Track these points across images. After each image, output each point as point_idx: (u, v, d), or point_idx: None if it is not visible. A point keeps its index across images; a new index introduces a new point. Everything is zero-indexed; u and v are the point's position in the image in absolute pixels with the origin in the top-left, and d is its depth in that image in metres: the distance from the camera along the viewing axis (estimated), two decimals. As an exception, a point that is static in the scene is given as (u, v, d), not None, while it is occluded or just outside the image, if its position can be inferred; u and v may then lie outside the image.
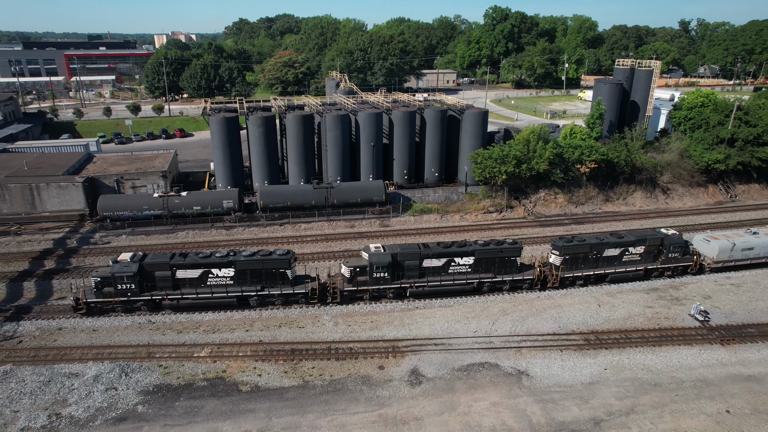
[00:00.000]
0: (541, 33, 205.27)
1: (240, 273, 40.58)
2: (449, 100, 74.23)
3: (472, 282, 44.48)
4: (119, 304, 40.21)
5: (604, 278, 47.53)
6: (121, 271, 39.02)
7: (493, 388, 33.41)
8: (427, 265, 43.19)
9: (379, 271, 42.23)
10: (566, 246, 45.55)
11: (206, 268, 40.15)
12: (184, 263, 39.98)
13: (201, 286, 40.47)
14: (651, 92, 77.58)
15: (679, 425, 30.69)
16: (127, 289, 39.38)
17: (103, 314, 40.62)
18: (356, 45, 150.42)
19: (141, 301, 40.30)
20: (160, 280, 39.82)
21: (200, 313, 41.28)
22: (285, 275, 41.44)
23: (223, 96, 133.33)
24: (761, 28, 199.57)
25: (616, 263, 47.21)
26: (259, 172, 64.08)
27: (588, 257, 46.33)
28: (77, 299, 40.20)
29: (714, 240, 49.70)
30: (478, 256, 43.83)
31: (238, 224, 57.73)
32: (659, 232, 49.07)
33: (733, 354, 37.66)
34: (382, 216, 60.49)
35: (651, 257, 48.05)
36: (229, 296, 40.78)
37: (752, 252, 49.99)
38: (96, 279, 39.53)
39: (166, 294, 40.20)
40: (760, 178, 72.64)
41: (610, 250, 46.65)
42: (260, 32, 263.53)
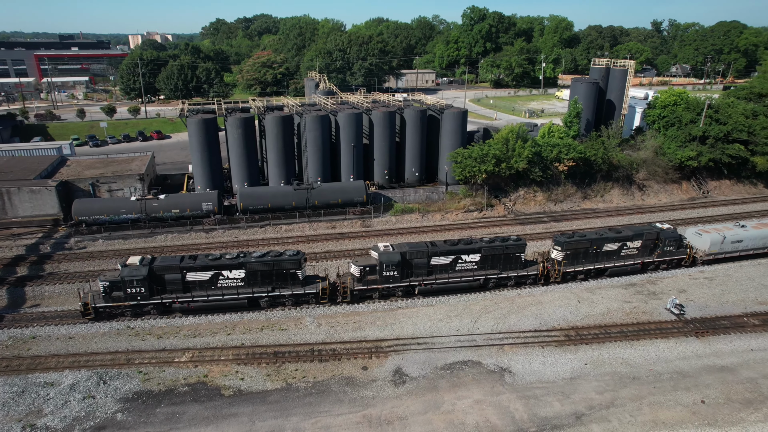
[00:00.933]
0: (519, 33, 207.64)
1: (251, 274, 40.51)
2: (429, 100, 74.56)
3: (478, 278, 45.18)
4: (128, 308, 39.74)
5: (604, 272, 48.67)
6: (130, 275, 38.57)
7: (476, 386, 33.67)
8: (435, 263, 43.77)
9: (388, 269, 42.62)
10: (568, 241, 46.51)
11: (217, 270, 40.01)
12: (195, 265, 39.70)
13: (211, 288, 40.28)
14: (626, 91, 79.10)
15: (657, 417, 31.35)
16: (137, 292, 39.03)
17: (112, 319, 39.95)
18: (335, 45, 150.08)
19: (151, 304, 39.88)
20: (170, 283, 39.52)
21: (181, 317, 40.73)
22: (295, 276, 41.50)
23: (201, 97, 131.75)
24: (728, 29, 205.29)
25: (615, 257, 48.48)
26: (239, 173, 63.45)
27: (588, 252, 47.42)
28: (85, 304, 39.41)
29: (705, 233, 51.36)
30: (485, 253, 44.58)
31: (217, 227, 57.08)
32: (655, 226, 50.48)
33: (707, 346, 38.63)
34: (364, 216, 60.46)
35: (647, 251, 49.42)
36: (240, 298, 40.66)
37: (741, 244, 51.84)
38: (104, 283, 39.00)
39: (176, 297, 39.86)
40: (730, 175, 74.62)
41: (609, 244, 47.88)
42: (238, 33, 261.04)
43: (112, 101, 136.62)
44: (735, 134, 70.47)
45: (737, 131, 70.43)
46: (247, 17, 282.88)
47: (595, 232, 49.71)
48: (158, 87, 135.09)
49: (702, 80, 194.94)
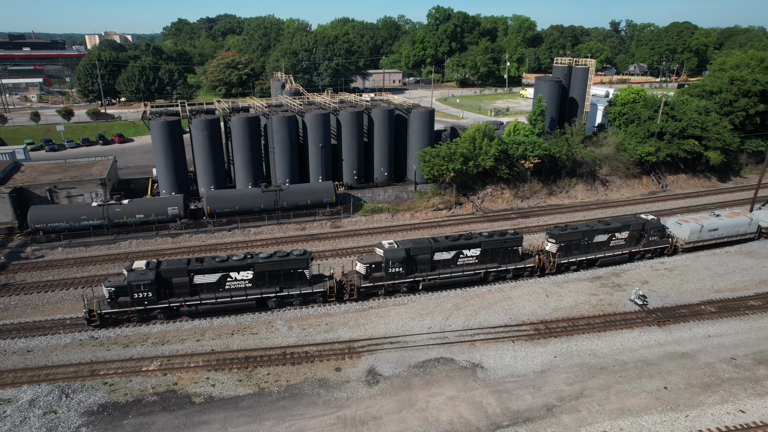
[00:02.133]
0: (483, 33, 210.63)
1: (259, 275, 40.44)
2: (396, 100, 74.80)
3: (479, 272, 46.35)
4: (135, 313, 39.05)
5: (595, 262, 50.70)
6: (137, 280, 37.93)
7: (449, 383, 33.96)
8: (437, 258, 44.65)
9: (394, 266, 43.23)
10: (561, 234, 48.43)
11: (224, 272, 39.74)
12: (202, 268, 39.31)
13: (219, 290, 39.98)
14: (588, 89, 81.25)
15: (624, 404, 32.31)
16: (144, 297, 38.38)
17: (117, 325, 39.18)
18: (301, 45, 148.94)
19: (158, 309, 39.27)
20: (178, 287, 39.07)
21: (147, 325, 39.63)
22: (303, 275, 41.64)
23: (164, 99, 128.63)
24: (681, 30, 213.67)
25: (604, 248, 50.61)
26: (205, 176, 62.22)
27: (580, 243, 49.33)
28: (90, 311, 38.56)
29: (685, 223, 54.19)
30: (485, 247, 45.79)
31: (184, 231, 55.81)
32: (640, 218, 52.96)
33: (668, 334, 40.05)
34: (333, 217, 60.20)
35: (634, 241, 51.77)
36: (248, 299, 40.51)
37: (717, 232, 55.00)
38: (110, 289, 38.14)
39: (184, 300, 39.42)
40: (686, 169, 77.58)
41: (599, 236, 49.97)
42: (201, 33, 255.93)
43: (69, 104, 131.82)
44: (690, 130, 73.30)
45: (691, 127, 73.30)
46: (210, 17, 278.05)
47: (586, 224, 51.85)
48: (118, 89, 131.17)
49: (658, 78, 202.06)
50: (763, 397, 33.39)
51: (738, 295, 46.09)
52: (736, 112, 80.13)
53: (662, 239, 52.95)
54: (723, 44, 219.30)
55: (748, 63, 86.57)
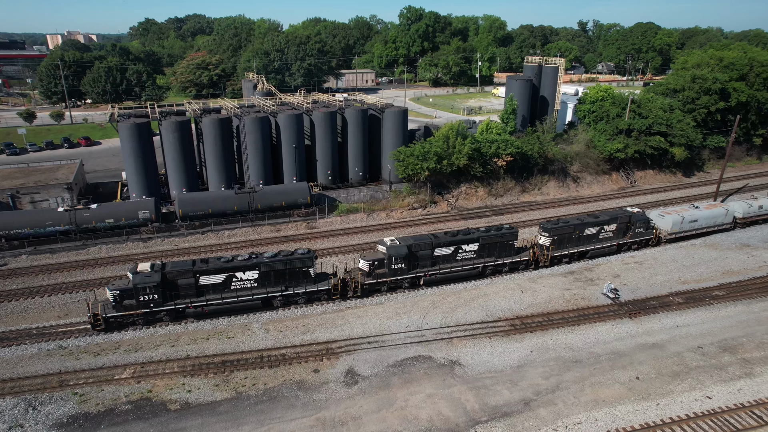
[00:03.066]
0: (455, 32, 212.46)
1: (264, 275, 40.52)
2: (369, 100, 74.81)
3: (477, 266, 47.21)
4: (141, 316, 38.60)
5: (585, 254, 52.24)
6: (143, 282, 37.42)
7: (427, 380, 34.12)
8: (438, 254, 45.43)
9: (396, 262, 43.77)
10: (554, 228, 49.74)
11: (230, 273, 39.64)
12: (208, 269, 39.11)
13: (225, 290, 39.92)
14: (558, 88, 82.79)
15: (598, 396, 33.03)
16: (150, 300, 38.01)
17: (123, 329, 38.63)
18: (272, 45, 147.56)
19: (164, 311, 39.00)
20: (184, 288, 38.84)
21: (120, 332, 38.63)
22: (308, 273, 41.91)
23: (133, 101, 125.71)
24: (645, 30, 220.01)
25: (594, 241, 52.30)
26: (176, 179, 61.07)
27: (572, 237, 50.82)
28: (95, 315, 37.76)
29: (668, 215, 56.30)
30: (482, 242, 46.71)
31: (156, 235, 54.66)
32: (627, 210, 54.96)
33: (639, 325, 41.10)
34: (309, 218, 59.83)
35: (621, 233, 53.61)
36: (254, 298, 40.65)
37: (696, 223, 57.42)
38: (115, 292, 37.55)
39: (190, 302, 39.20)
40: (653, 165, 79.83)
41: (590, 229, 51.50)
42: (170, 33, 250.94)
43: (30, 106, 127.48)
44: (656, 127, 75.45)
45: (657, 124, 75.45)
46: (179, 17, 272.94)
47: (577, 218, 53.27)
48: (84, 90, 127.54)
49: (625, 77, 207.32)
50: (727, 383, 34.58)
51: (703, 286, 47.63)
52: (698, 109, 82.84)
53: (647, 231, 54.90)
54: (685, 44, 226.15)
55: (708, 62, 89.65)
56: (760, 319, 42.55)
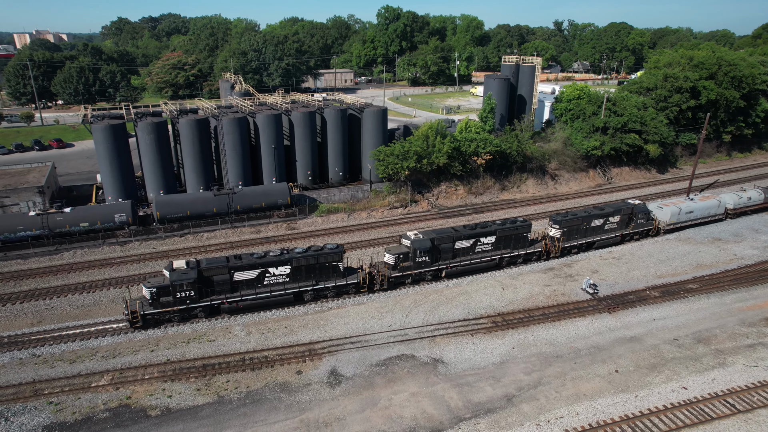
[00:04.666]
0: (432, 32, 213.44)
1: (296, 270, 41.49)
2: (348, 99, 74.65)
3: (495, 258, 48.87)
4: (177, 313, 39.24)
5: (593, 245, 54.35)
6: (180, 279, 38.12)
7: (411, 379, 34.21)
8: (458, 247, 46.93)
9: (421, 255, 45.19)
10: (564, 220, 51.67)
11: (263, 268, 40.55)
12: (242, 265, 40.00)
13: (258, 286, 40.85)
14: (535, 86, 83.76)
15: (579, 390, 33.55)
16: (187, 296, 38.78)
17: (159, 326, 39.12)
18: (250, 45, 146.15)
19: (200, 307, 39.63)
20: (219, 284, 39.67)
21: (96, 338, 37.79)
22: (337, 268, 43.14)
23: (107, 102, 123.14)
24: (619, 30, 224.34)
25: (600, 232, 54.34)
26: (154, 181, 60.00)
27: (580, 228, 52.79)
28: (133, 312, 38.10)
29: (666, 207, 58.76)
30: (499, 235, 48.34)
31: (133, 239, 53.62)
32: (629, 203, 57.01)
33: (618, 320, 41.89)
34: (289, 219, 59.41)
35: (624, 224, 55.69)
36: (287, 293, 41.58)
37: (692, 214, 60.00)
38: (152, 290, 38.09)
39: (225, 298, 39.97)
40: (629, 162, 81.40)
41: (596, 220, 53.52)
42: (144, 33, 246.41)
43: None
44: (630, 125, 76.91)
45: (632, 122, 76.94)
46: (154, 17, 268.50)
47: (584, 210, 55.26)
48: (54, 91, 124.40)
49: (600, 76, 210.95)
50: (702, 374, 35.49)
51: (678, 280, 48.80)
52: (671, 107, 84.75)
53: (648, 222, 57.00)
54: (656, 43, 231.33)
55: (679, 61, 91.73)
56: (731, 311, 43.77)
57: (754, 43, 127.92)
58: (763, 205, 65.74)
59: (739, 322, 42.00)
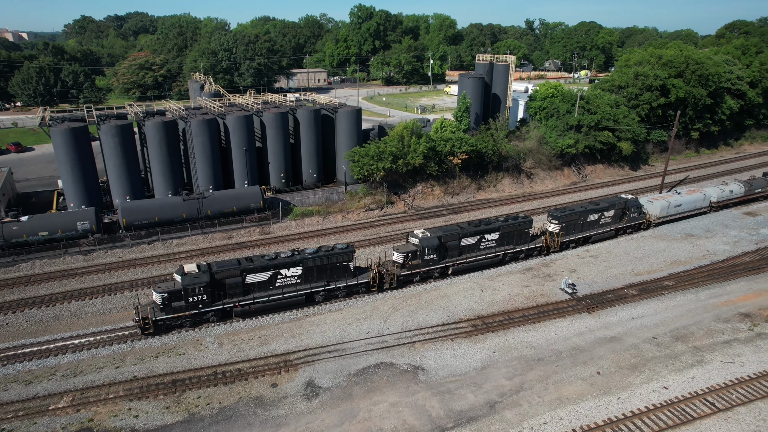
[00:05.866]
0: (406, 31, 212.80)
1: (307, 270, 41.24)
2: (321, 99, 73.16)
3: (498, 254, 49.48)
4: (189, 318, 38.50)
5: (589, 239, 55.53)
6: (193, 283, 37.44)
7: (390, 388, 33.15)
8: (464, 244, 47.37)
9: (429, 253, 45.43)
10: (563, 215, 52.60)
11: (275, 270, 40.16)
12: (254, 267, 39.48)
13: (270, 288, 40.36)
14: (509, 85, 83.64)
15: (562, 394, 33.02)
16: (199, 300, 38.12)
17: (170, 331, 38.35)
18: (220, 45, 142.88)
19: (212, 311, 39.05)
20: (231, 288, 39.13)
21: (55, 356, 35.58)
22: (348, 267, 43.02)
23: (70, 104, 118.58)
24: (588, 29, 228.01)
25: (596, 226, 55.61)
26: (119, 186, 57.46)
27: (577, 223, 53.79)
28: (144, 319, 37.11)
29: (656, 201, 60.52)
30: (503, 231, 49.00)
31: (98, 247, 51.15)
32: (621, 197, 58.46)
33: (598, 320, 41.66)
34: (262, 223, 57.67)
35: (618, 218, 57.23)
36: (299, 294, 41.25)
37: (680, 208, 61.88)
38: (163, 295, 37.20)
39: (238, 301, 39.40)
40: (602, 159, 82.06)
41: (592, 215, 54.75)
42: (109, 32, 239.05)
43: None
44: (604, 122, 77.50)
45: (605, 120, 77.54)
46: (120, 15, 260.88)
47: (580, 205, 56.39)
48: (12, 92, 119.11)
49: (571, 74, 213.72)
50: (681, 372, 35.42)
51: (655, 277, 49.00)
52: (642, 105, 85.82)
53: (640, 215, 58.61)
54: (625, 42, 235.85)
55: (648, 60, 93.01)
56: (706, 307, 44.06)
57: (717, 43, 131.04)
58: (743, 197, 67.94)
59: (714, 318, 42.27)
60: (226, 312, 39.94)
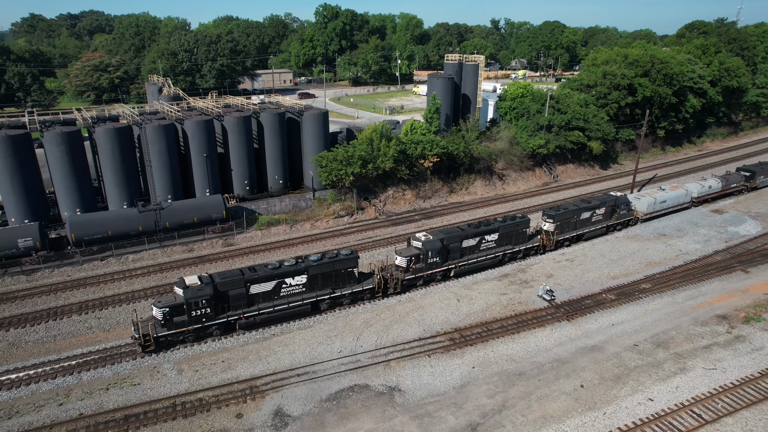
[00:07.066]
0: (372, 31, 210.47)
1: (312, 278, 40.21)
2: (287, 102, 70.25)
3: (498, 255, 49.40)
4: (192, 333, 36.84)
5: (582, 237, 56.06)
6: (196, 296, 35.97)
7: (366, 414, 30.88)
8: (465, 245, 47.23)
9: (432, 256, 45.01)
10: (558, 214, 53.00)
11: (280, 279, 38.97)
12: (258, 277, 38.26)
13: (275, 298, 39.16)
14: (479, 85, 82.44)
15: (546, 411, 31.41)
16: (203, 314, 36.55)
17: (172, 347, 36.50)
18: (180, 45, 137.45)
19: (216, 324, 37.44)
20: (235, 299, 37.77)
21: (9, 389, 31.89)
22: (352, 274, 42.08)
23: (16, 107, 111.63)
24: (553, 28, 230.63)
25: (588, 224, 56.05)
26: (68, 198, 53.29)
27: (571, 221, 54.12)
28: (144, 336, 35.11)
29: (642, 197, 61.71)
30: (502, 231, 49.06)
31: (43, 266, 47.05)
32: (611, 195, 59.51)
33: (578, 328, 40.38)
34: (225, 234, 54.46)
35: (608, 216, 57.86)
36: (304, 303, 40.16)
37: (665, 204, 63.12)
38: (164, 309, 35.55)
39: (242, 312, 38.06)
40: (573, 159, 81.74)
41: (585, 213, 55.20)
42: (62, 31, 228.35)
43: None
44: (574, 122, 77.04)
45: (575, 119, 77.09)
46: (73, 14, 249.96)
47: (573, 203, 56.84)
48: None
49: (538, 73, 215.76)
50: (665, 381, 34.36)
51: (631, 280, 48.23)
52: (610, 104, 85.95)
53: (629, 212, 59.46)
54: (588, 42, 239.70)
55: (615, 59, 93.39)
56: (684, 310, 43.43)
57: (678, 42, 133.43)
58: (721, 192, 69.71)
59: (692, 322, 41.60)
60: (230, 325, 38.42)
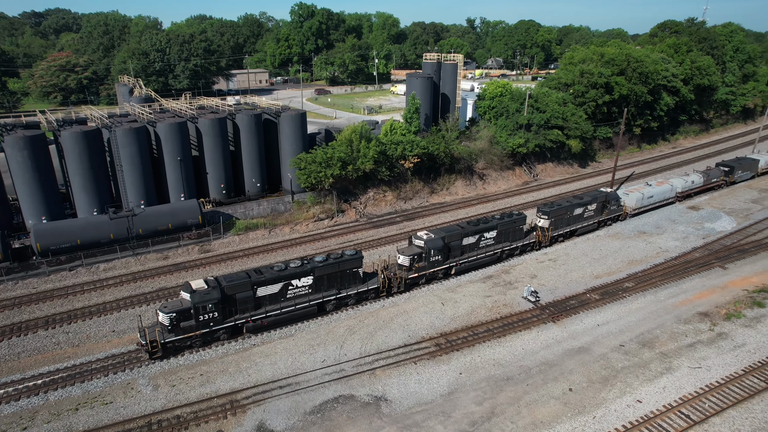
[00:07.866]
0: (349, 30, 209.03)
1: (318, 279, 40.08)
2: (263, 102, 68.57)
3: (496, 252, 49.86)
4: (199, 337, 36.28)
5: (575, 233, 56.87)
6: (203, 300, 35.39)
7: (352, 426, 29.82)
8: (465, 243, 47.47)
9: (435, 254, 45.19)
10: (552, 210, 53.67)
11: (286, 281, 38.67)
12: (264, 279, 37.79)
13: (281, 300, 38.87)
14: (458, 84, 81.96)
15: (536, 417, 30.83)
16: (210, 318, 36.03)
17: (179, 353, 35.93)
18: (151, 45, 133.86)
19: (223, 328, 37.02)
20: (242, 302, 37.33)
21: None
22: (357, 274, 42.12)
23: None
24: (528, 27, 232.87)
25: (581, 220, 56.96)
26: (32, 206, 50.77)
27: (564, 217, 54.87)
28: (152, 342, 34.40)
29: (631, 193, 62.97)
30: (500, 229, 49.53)
31: (6, 278, 44.66)
32: (602, 191, 60.67)
33: (563, 329, 40.00)
34: (202, 240, 52.69)
35: (599, 211, 58.87)
36: (311, 304, 39.96)
37: (652, 199, 64.49)
38: (171, 315, 34.71)
39: (250, 316, 37.66)
40: (552, 158, 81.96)
41: (577, 209, 55.97)
42: (25, 29, 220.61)
43: None
44: (553, 121, 77.18)
45: (554, 118, 77.25)
46: (37, 11, 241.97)
47: (566, 200, 57.09)
48: None
49: (514, 71, 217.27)
50: (652, 382, 34.16)
51: (614, 279, 48.20)
52: (588, 102, 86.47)
53: (618, 207, 60.57)
54: (563, 40, 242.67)
55: (591, 58, 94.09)
56: (666, 308, 43.50)
57: (651, 41, 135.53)
58: (703, 187, 71.47)
59: (675, 320, 41.66)
60: (237, 329, 37.94)
